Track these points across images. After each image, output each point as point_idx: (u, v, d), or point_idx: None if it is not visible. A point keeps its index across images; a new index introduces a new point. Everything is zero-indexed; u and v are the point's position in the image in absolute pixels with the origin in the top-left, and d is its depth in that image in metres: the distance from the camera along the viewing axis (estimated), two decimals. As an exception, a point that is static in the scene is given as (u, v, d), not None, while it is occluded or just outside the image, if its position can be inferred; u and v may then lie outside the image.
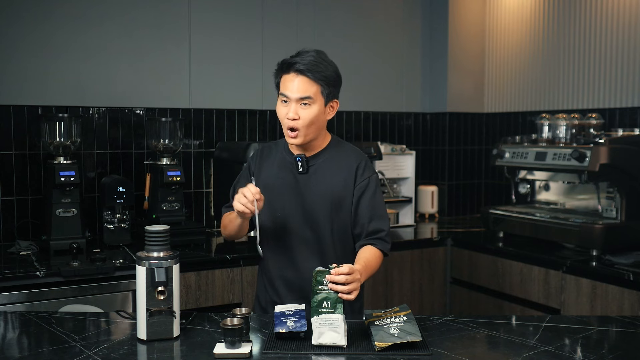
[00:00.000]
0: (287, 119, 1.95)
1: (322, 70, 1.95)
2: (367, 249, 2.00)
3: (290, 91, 1.95)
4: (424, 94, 4.37)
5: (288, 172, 2.06)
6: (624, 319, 2.03)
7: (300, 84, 1.94)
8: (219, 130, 3.64)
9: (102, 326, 1.92)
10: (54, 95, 3.20)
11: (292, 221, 2.04)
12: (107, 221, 3.04)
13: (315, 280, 1.73)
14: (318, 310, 1.72)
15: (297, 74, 1.94)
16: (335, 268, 1.73)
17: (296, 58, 1.96)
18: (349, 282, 1.72)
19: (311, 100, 1.94)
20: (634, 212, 2.98)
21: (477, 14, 4.30)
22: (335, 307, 1.71)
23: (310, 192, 2.03)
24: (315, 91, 1.95)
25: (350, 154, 2.08)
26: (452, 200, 4.29)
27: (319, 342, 1.70)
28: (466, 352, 1.69)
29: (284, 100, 1.97)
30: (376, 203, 2.04)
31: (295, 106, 1.95)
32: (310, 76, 1.93)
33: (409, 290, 3.45)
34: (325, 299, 1.72)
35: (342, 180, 2.03)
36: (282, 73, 1.99)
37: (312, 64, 1.94)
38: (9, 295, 2.47)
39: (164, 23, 3.46)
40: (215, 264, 2.90)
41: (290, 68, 1.95)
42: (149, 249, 1.76)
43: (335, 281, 1.71)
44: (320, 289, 1.73)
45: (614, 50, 3.51)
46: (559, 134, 3.32)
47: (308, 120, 1.95)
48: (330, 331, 1.70)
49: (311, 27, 3.90)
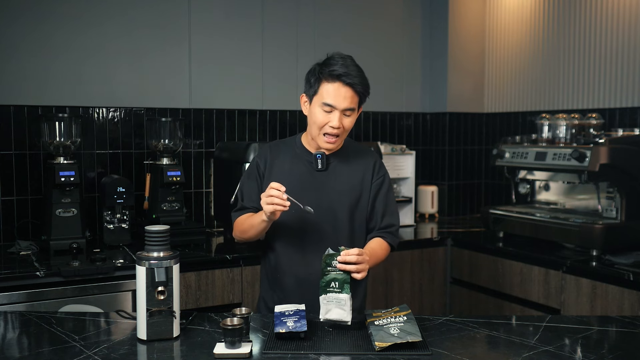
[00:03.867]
0: (331, 127, 1.99)
1: (364, 83, 2.01)
2: (376, 240, 2.11)
3: (338, 102, 1.98)
4: (424, 94, 4.37)
5: (303, 169, 2.09)
6: (624, 319, 2.03)
7: (347, 95, 1.98)
8: (219, 130, 3.64)
9: (102, 326, 1.92)
10: (54, 95, 3.20)
11: (308, 218, 2.05)
12: (107, 221, 3.04)
13: (324, 262, 1.83)
14: (326, 290, 1.81)
15: (344, 85, 1.97)
16: (345, 250, 1.84)
17: (340, 68, 1.97)
18: (358, 262, 1.83)
19: (353, 111, 2.02)
20: (634, 212, 2.98)
21: (477, 14, 4.30)
22: (343, 287, 1.81)
23: (329, 189, 2.07)
24: (356, 102, 2.02)
25: (365, 153, 2.17)
26: (452, 200, 4.29)
27: (326, 317, 1.80)
28: (466, 352, 1.69)
29: (327, 110, 1.99)
30: (389, 200, 2.15)
31: (340, 115, 1.99)
32: (357, 89, 1.99)
33: (409, 290, 3.45)
34: (333, 280, 1.81)
35: (360, 178, 2.11)
36: (323, 79, 1.99)
37: (358, 77, 1.99)
38: (9, 295, 2.47)
39: (164, 23, 3.46)
40: (215, 264, 2.90)
41: (336, 78, 1.97)
42: (149, 249, 1.76)
43: (346, 261, 1.82)
44: (329, 271, 1.83)
45: (614, 50, 3.51)
46: (559, 134, 3.32)
47: (348, 128, 2.03)
48: (337, 308, 1.79)
49: (311, 27, 3.90)
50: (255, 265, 2.92)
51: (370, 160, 2.15)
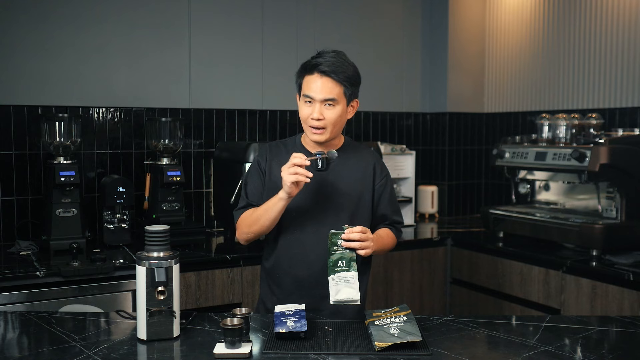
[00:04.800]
0: (312, 119, 1.99)
1: (345, 71, 1.99)
2: (383, 230, 2.16)
3: (315, 92, 1.98)
4: (424, 94, 4.37)
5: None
6: (624, 319, 2.03)
7: (324, 85, 1.97)
8: (219, 130, 3.64)
9: (102, 326, 1.92)
10: (53, 95, 3.20)
11: (309, 218, 2.05)
12: (107, 221, 3.04)
13: (330, 241, 1.88)
14: (334, 270, 1.84)
15: (321, 75, 1.97)
16: (349, 228, 1.88)
17: (319, 59, 1.99)
18: (362, 239, 1.88)
19: (335, 101, 1.99)
20: (634, 212, 2.98)
21: (477, 14, 4.30)
22: (350, 265, 1.85)
23: (330, 189, 2.07)
24: (339, 92, 1.99)
25: (366, 153, 2.17)
26: (452, 200, 4.29)
27: (336, 298, 1.82)
28: (466, 352, 1.69)
29: (308, 101, 2.00)
30: (394, 198, 2.20)
31: (320, 106, 1.99)
32: (334, 77, 1.97)
33: (409, 290, 3.45)
34: (340, 258, 1.85)
35: (360, 178, 2.11)
36: (304, 74, 2.02)
37: (335, 65, 1.97)
38: (9, 295, 2.47)
39: (164, 23, 3.46)
40: (215, 264, 2.90)
41: (313, 69, 1.99)
42: (149, 249, 1.76)
43: (350, 239, 1.86)
44: (335, 250, 1.87)
45: (614, 50, 3.51)
46: (559, 134, 3.32)
47: (332, 120, 2.00)
48: (347, 287, 1.82)
49: (311, 27, 3.90)
50: (255, 265, 2.92)
51: (370, 160, 2.15)
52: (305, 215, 2.05)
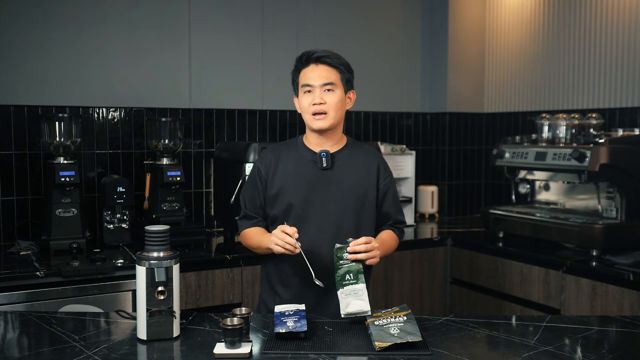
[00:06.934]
0: (314, 105, 2.04)
1: (338, 57, 2.08)
2: (386, 232, 2.19)
3: (313, 79, 2.04)
4: (424, 94, 4.37)
5: (307, 169, 2.09)
6: (624, 319, 2.03)
7: (321, 71, 2.05)
8: (219, 130, 3.64)
9: (102, 326, 1.92)
10: (53, 95, 3.20)
11: (314, 217, 2.06)
12: (107, 221, 3.04)
13: (336, 257, 1.88)
14: (342, 283, 1.85)
15: (317, 63, 2.06)
16: (353, 240, 1.89)
17: (311, 50, 2.08)
18: (368, 250, 1.89)
19: (334, 85, 2.05)
20: (634, 212, 2.98)
21: (477, 14, 4.30)
22: (358, 278, 1.85)
23: (335, 187, 2.08)
24: (336, 77, 2.06)
25: (369, 152, 2.20)
26: (452, 200, 4.29)
27: (347, 311, 1.83)
28: (466, 352, 1.69)
29: (307, 90, 2.06)
30: (397, 198, 2.23)
31: (320, 92, 2.04)
32: (329, 62, 2.05)
33: (409, 290, 3.45)
34: (347, 272, 1.86)
35: (365, 176, 2.12)
36: (300, 68, 2.09)
37: (328, 52, 2.07)
38: (9, 295, 2.47)
39: (164, 23, 3.46)
40: (215, 264, 2.90)
41: (309, 60, 2.06)
42: (149, 249, 1.76)
43: (356, 251, 1.87)
44: (342, 264, 1.87)
45: (614, 50, 3.51)
46: (559, 134, 3.32)
47: (333, 104, 2.05)
48: (356, 300, 1.83)
49: (311, 27, 3.90)
50: (255, 265, 2.92)
51: (374, 159, 2.17)
52: (309, 214, 2.06)
